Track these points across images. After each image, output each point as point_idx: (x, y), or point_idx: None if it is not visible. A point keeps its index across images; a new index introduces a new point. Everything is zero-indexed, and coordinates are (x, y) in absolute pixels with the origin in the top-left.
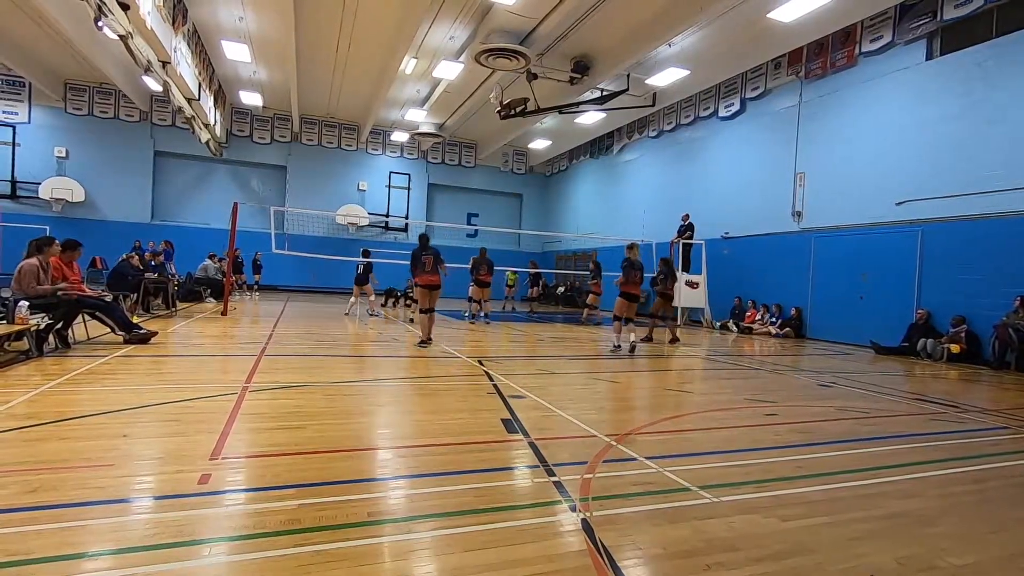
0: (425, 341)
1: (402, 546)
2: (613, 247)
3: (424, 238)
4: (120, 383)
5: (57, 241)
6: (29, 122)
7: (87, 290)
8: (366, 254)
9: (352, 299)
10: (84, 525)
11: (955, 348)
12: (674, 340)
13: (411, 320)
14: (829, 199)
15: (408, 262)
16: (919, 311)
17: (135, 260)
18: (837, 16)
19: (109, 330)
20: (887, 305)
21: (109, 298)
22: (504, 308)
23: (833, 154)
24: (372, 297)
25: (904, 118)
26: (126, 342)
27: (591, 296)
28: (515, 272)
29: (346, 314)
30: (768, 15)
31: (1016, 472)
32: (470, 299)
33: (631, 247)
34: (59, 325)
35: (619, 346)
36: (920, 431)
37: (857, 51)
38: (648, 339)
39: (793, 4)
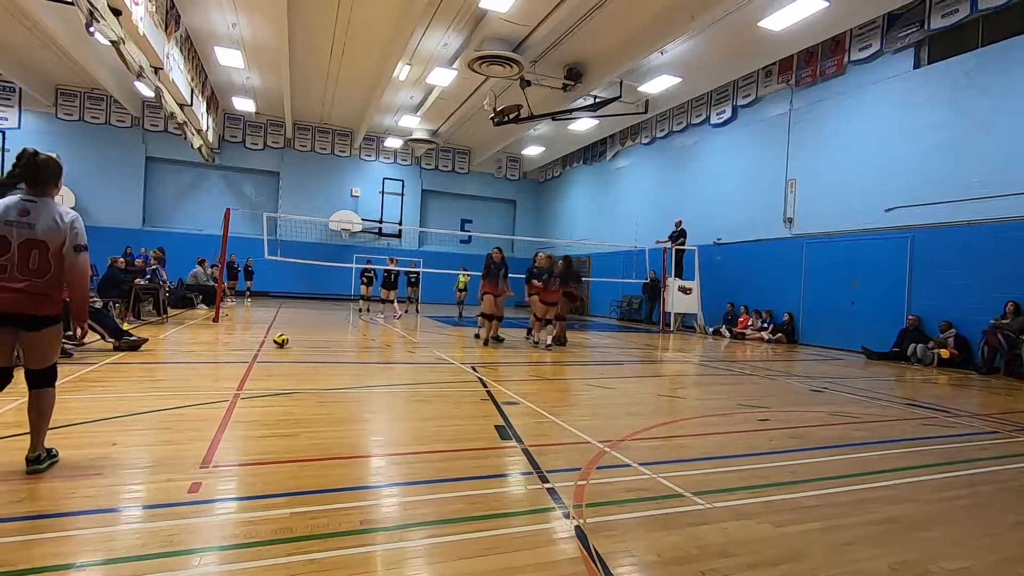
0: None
1: (395, 554)
2: (607, 253)
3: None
4: (110, 390)
5: None
6: (19, 127)
7: None
8: (393, 262)
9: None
10: (72, 535)
11: (945, 353)
12: (555, 342)
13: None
14: (820, 205)
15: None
16: (909, 317)
17: (120, 262)
18: (826, 25)
19: (99, 337)
20: (878, 311)
21: (99, 304)
22: (459, 315)
23: (824, 161)
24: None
25: (893, 125)
26: (116, 349)
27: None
28: (468, 273)
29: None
30: (758, 24)
31: (1007, 477)
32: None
33: (550, 257)
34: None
35: (543, 343)
36: (912, 436)
37: (846, 59)
38: (557, 341)
39: (783, 13)
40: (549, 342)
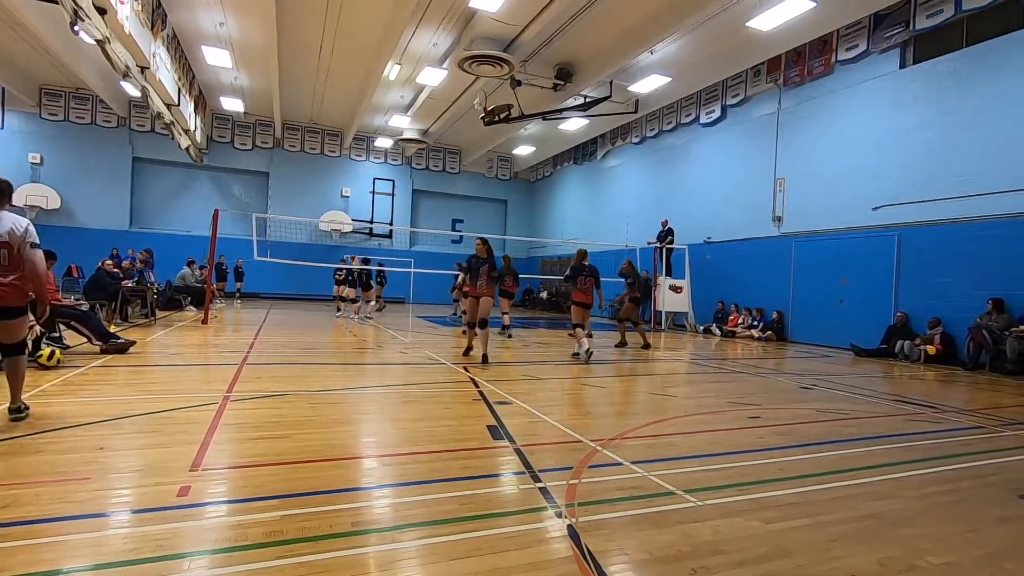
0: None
1: (387, 556)
2: (599, 252)
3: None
4: (97, 394)
5: None
6: (2, 127)
7: (61, 299)
8: (366, 262)
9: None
10: (60, 541)
11: (932, 350)
12: (646, 345)
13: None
14: (808, 204)
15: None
16: (897, 314)
17: (109, 264)
18: (813, 25)
19: (86, 340)
20: (866, 308)
21: (85, 307)
22: (455, 313)
23: (812, 160)
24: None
25: (880, 125)
26: (103, 352)
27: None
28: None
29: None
30: (747, 24)
31: (991, 471)
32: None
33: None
34: (45, 335)
35: (578, 353)
36: (899, 432)
37: (833, 59)
38: (622, 344)
39: (771, 13)
40: (587, 347)
